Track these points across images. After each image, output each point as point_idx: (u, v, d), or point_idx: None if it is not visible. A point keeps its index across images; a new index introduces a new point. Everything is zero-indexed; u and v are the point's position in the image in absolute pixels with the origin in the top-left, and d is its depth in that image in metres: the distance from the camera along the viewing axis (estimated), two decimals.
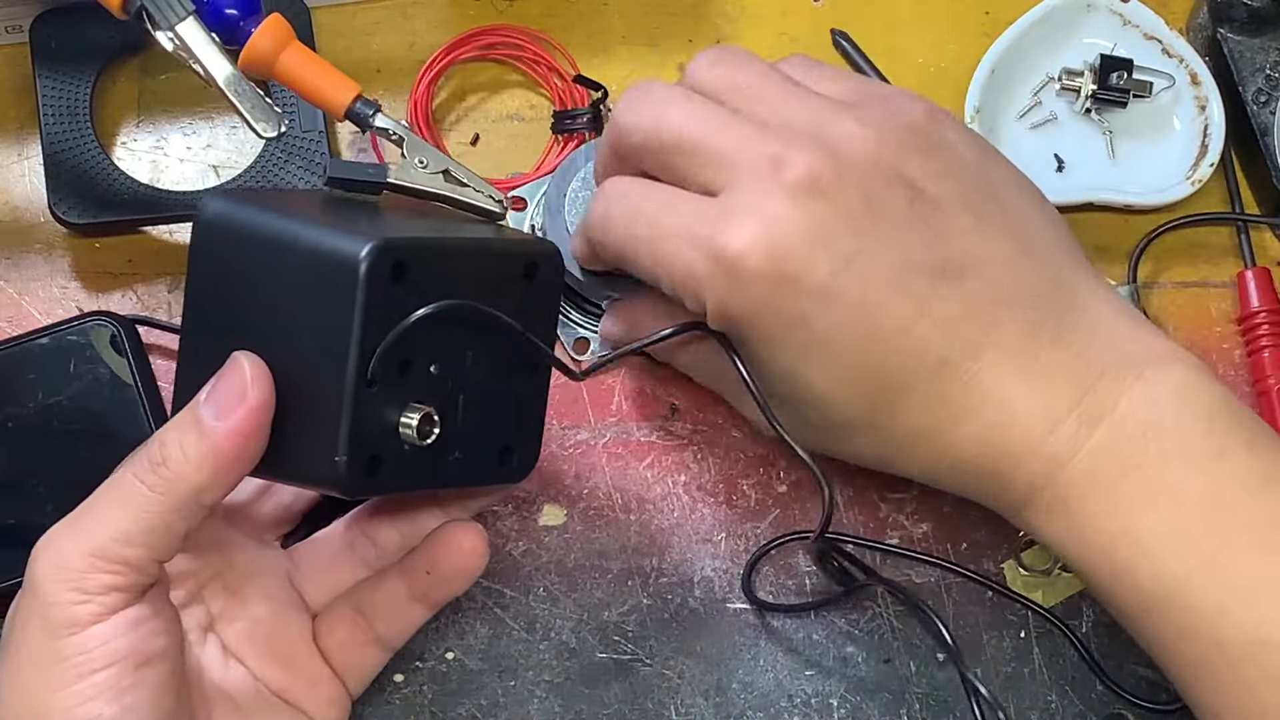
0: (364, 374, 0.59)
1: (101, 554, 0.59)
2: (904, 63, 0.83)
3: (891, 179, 0.64)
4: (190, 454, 0.59)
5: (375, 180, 0.68)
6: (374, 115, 0.70)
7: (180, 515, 0.60)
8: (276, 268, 0.60)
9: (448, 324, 0.61)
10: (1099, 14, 0.83)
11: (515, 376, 0.65)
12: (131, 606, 0.59)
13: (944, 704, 0.74)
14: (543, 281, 0.65)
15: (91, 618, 0.59)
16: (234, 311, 0.62)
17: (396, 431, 0.61)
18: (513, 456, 0.66)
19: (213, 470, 0.59)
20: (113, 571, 0.59)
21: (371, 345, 0.59)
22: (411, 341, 0.60)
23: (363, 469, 0.60)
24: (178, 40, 0.69)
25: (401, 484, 0.63)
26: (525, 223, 0.78)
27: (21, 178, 0.79)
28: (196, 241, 0.63)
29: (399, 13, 0.82)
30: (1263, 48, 0.82)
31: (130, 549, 0.59)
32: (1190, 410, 0.63)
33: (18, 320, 0.77)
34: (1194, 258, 0.81)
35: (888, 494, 0.76)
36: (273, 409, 0.60)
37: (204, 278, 0.63)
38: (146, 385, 0.74)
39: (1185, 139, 0.82)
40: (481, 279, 0.62)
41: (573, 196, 0.75)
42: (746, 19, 0.83)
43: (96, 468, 0.72)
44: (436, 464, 0.63)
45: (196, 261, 0.63)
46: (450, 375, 0.62)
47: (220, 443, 0.59)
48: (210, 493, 0.60)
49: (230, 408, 0.59)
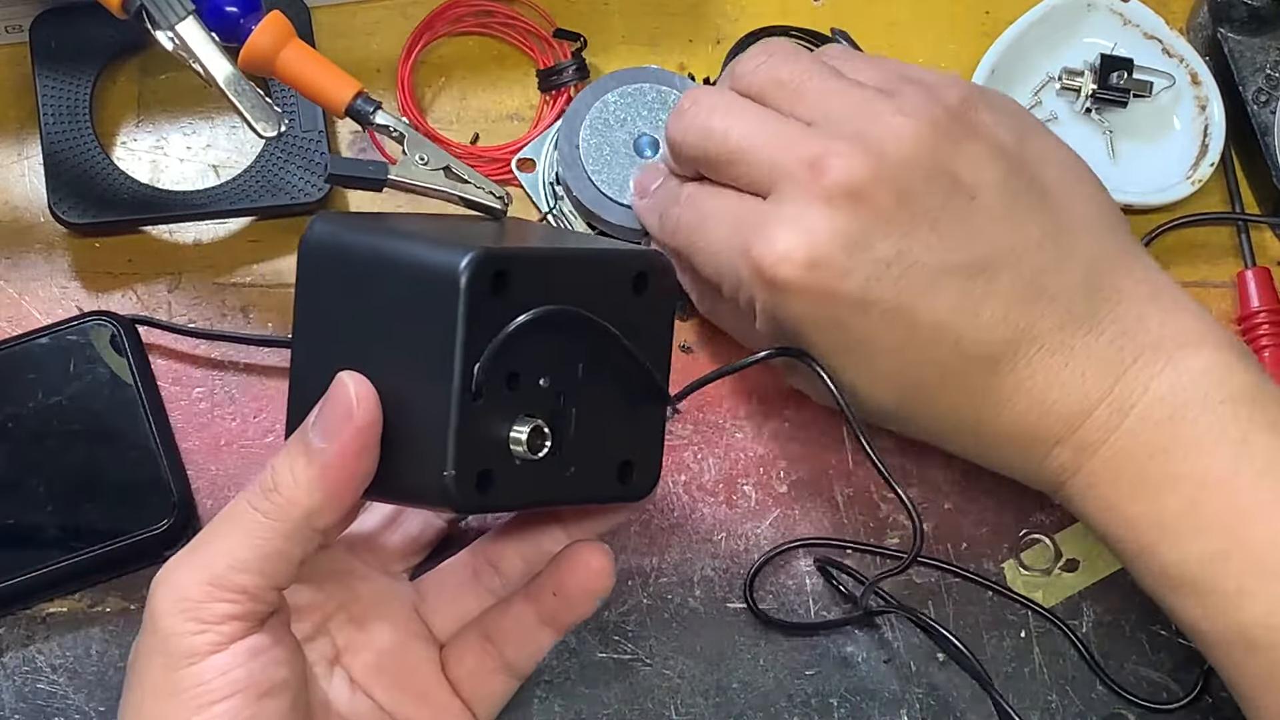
0: (469, 386, 0.58)
1: (218, 583, 0.59)
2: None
3: (930, 173, 0.65)
4: (300, 478, 0.59)
5: (375, 177, 0.68)
6: (375, 112, 0.70)
7: (295, 541, 0.59)
8: (381, 286, 0.60)
9: (556, 335, 0.60)
10: (1099, 14, 0.83)
11: (631, 390, 0.63)
12: (251, 636, 0.59)
13: (944, 704, 0.73)
14: (654, 293, 0.64)
15: (210, 647, 0.59)
16: (341, 332, 0.61)
17: (507, 445, 0.60)
18: (633, 473, 0.64)
19: (323, 493, 0.59)
20: (230, 600, 0.59)
21: (475, 356, 0.58)
22: (517, 352, 0.59)
23: (474, 484, 0.59)
24: (178, 40, 0.68)
25: (516, 500, 0.62)
26: (540, 180, 0.79)
27: (21, 178, 0.79)
28: (302, 264, 0.63)
29: (399, 13, 0.82)
30: (1263, 47, 0.82)
31: (247, 576, 0.59)
32: (1217, 393, 0.64)
33: (18, 320, 0.77)
34: (1194, 258, 0.81)
35: (888, 494, 0.76)
36: (379, 427, 0.59)
37: (310, 300, 0.63)
38: (146, 385, 0.74)
39: (1185, 139, 0.82)
40: (588, 290, 0.61)
41: (585, 144, 0.76)
42: (747, 19, 0.83)
43: (96, 468, 0.73)
44: (551, 479, 0.61)
45: (303, 284, 0.63)
46: (561, 388, 0.61)
47: (329, 465, 0.59)
48: (323, 516, 0.59)
49: (337, 429, 0.59)
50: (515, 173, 0.80)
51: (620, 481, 0.64)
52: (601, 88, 0.78)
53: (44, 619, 0.73)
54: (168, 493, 0.73)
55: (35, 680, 0.72)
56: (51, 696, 0.72)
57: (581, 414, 0.62)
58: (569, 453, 0.61)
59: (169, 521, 0.72)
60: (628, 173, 0.76)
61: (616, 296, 0.62)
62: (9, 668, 0.72)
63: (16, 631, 0.73)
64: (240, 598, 0.59)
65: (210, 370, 0.76)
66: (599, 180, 0.76)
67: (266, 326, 0.77)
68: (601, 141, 0.77)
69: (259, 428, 0.76)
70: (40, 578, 0.72)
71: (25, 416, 0.73)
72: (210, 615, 0.59)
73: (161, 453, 0.73)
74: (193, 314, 0.77)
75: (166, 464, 0.73)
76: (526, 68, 0.82)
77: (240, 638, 0.59)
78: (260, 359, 0.77)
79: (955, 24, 0.85)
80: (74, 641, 0.73)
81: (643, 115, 0.77)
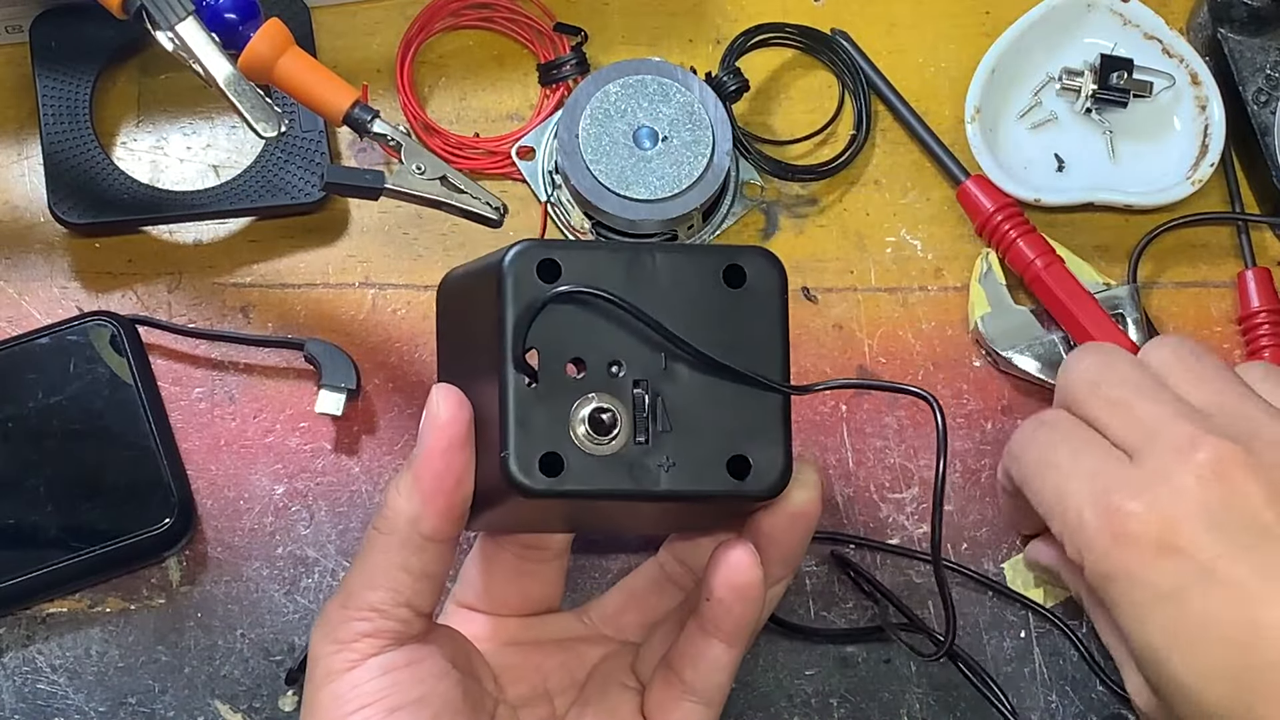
0: (520, 368, 0.59)
1: (350, 603, 0.62)
2: (904, 63, 0.83)
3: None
4: (402, 489, 0.62)
5: (372, 186, 0.68)
6: (372, 120, 0.70)
7: (408, 550, 0.62)
8: (472, 299, 0.62)
9: (629, 325, 0.60)
10: (1099, 14, 0.83)
11: (739, 383, 0.61)
12: (385, 653, 0.62)
13: (944, 704, 0.74)
14: (755, 287, 0.61)
15: (346, 665, 0.62)
16: (456, 351, 0.64)
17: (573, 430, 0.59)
18: (749, 467, 0.61)
19: (420, 496, 0.61)
20: (362, 618, 0.62)
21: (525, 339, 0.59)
22: (577, 338, 0.59)
23: (538, 466, 0.59)
24: (178, 40, 0.69)
25: (594, 488, 0.60)
26: (539, 168, 0.79)
27: (21, 178, 0.79)
28: (438, 301, 0.66)
29: (399, 13, 0.82)
30: (1263, 48, 0.82)
31: (372, 592, 0.62)
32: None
33: (18, 320, 0.77)
34: (1194, 258, 0.81)
35: (888, 494, 0.76)
36: (462, 425, 0.61)
37: (441, 330, 0.66)
38: (146, 385, 0.74)
39: (1185, 139, 0.82)
40: (667, 286, 0.61)
41: (585, 133, 0.76)
42: (747, 19, 0.83)
43: (96, 468, 0.73)
44: (640, 469, 0.60)
45: (439, 321, 0.66)
46: (639, 377, 0.60)
47: (420, 469, 0.61)
48: (425, 520, 0.61)
49: (425, 434, 0.61)
50: (515, 160, 0.80)
51: (735, 476, 0.61)
52: (603, 78, 0.78)
53: (44, 619, 0.73)
54: (168, 493, 0.73)
55: (35, 680, 0.72)
56: (51, 696, 0.72)
57: (674, 403, 0.60)
58: (661, 443, 0.60)
59: (169, 521, 0.72)
60: (626, 163, 0.76)
61: (705, 291, 0.61)
62: (9, 668, 0.72)
63: (16, 631, 0.73)
64: (371, 614, 0.62)
65: (210, 370, 0.76)
66: (597, 170, 0.76)
67: (266, 326, 0.77)
68: (601, 131, 0.77)
69: (259, 428, 0.76)
70: (40, 578, 0.72)
71: (25, 416, 0.74)
72: (346, 635, 0.62)
73: (161, 453, 0.73)
74: (193, 314, 0.77)
75: (166, 464, 0.73)
76: (527, 67, 0.82)
77: (373, 654, 0.62)
78: (260, 359, 0.77)
79: (955, 24, 0.85)
80: (74, 641, 0.73)
81: (643, 107, 0.77)
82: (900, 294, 0.80)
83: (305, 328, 0.77)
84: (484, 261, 0.62)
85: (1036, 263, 0.78)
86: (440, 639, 0.64)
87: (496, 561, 0.68)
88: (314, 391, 0.75)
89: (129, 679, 0.73)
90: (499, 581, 0.68)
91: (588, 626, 0.70)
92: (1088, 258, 0.80)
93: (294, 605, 0.74)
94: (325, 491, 0.75)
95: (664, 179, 0.76)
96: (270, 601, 0.74)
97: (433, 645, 0.63)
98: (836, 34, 0.83)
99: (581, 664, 0.68)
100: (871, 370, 0.78)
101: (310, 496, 0.75)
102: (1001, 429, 0.78)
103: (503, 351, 0.59)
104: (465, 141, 0.81)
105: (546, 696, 0.67)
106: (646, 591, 0.70)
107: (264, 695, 0.73)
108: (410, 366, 0.77)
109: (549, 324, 0.59)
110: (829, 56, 0.83)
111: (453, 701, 0.63)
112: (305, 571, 0.74)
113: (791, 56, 0.84)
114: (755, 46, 0.83)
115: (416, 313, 0.78)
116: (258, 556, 0.74)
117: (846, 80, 0.83)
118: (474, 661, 0.66)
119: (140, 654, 0.73)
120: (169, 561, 0.74)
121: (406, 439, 0.76)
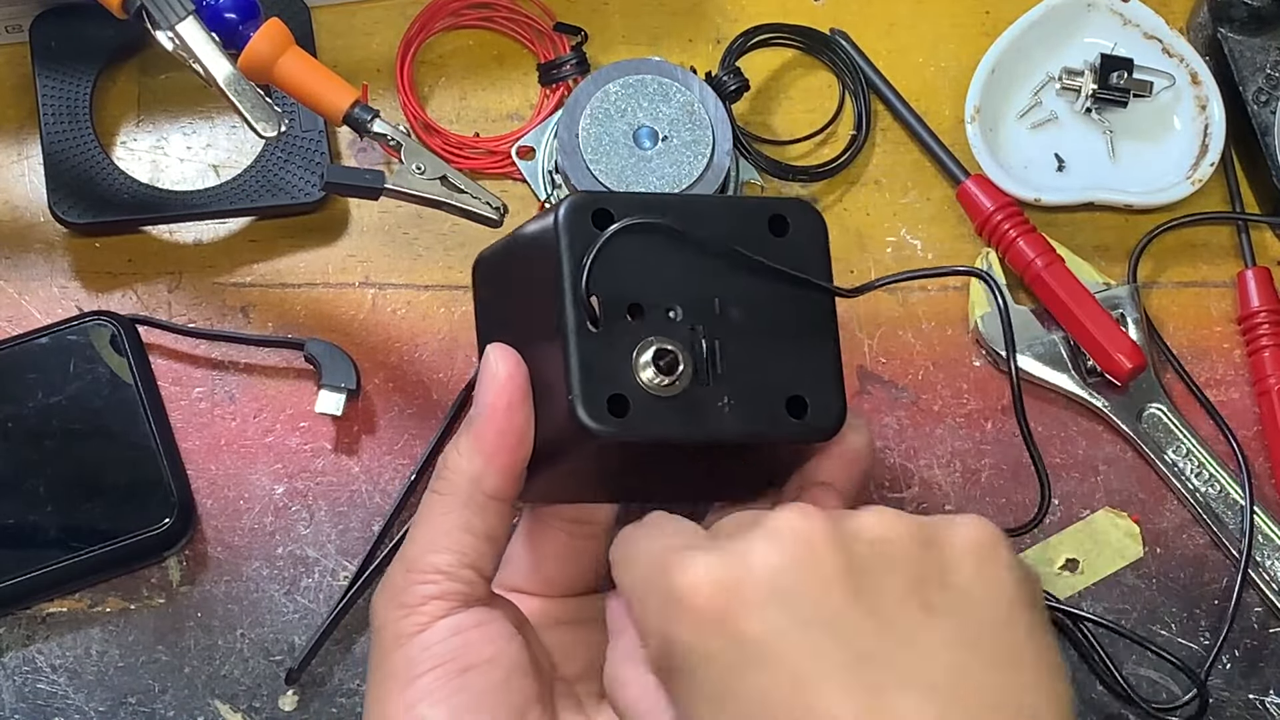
0: (581, 312, 0.59)
1: (414, 567, 0.62)
2: (904, 63, 0.83)
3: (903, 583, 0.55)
4: (462, 449, 0.62)
5: (372, 186, 0.68)
6: (372, 120, 0.70)
7: (470, 509, 0.62)
8: (518, 263, 0.62)
9: (681, 268, 0.60)
10: (1099, 13, 0.83)
11: (789, 321, 0.62)
12: (452, 615, 0.61)
13: None
14: (799, 235, 0.62)
15: (415, 628, 0.61)
16: (502, 322, 0.63)
17: (635, 373, 0.60)
18: (806, 407, 0.61)
19: (482, 456, 0.61)
20: (428, 580, 0.61)
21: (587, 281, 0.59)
22: (634, 286, 0.60)
23: (604, 409, 0.59)
24: (178, 40, 0.69)
25: (661, 430, 0.60)
26: (539, 168, 0.79)
27: (21, 178, 0.79)
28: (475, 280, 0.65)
29: (399, 13, 0.82)
30: (1263, 47, 0.82)
31: (437, 555, 0.62)
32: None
33: (18, 320, 0.77)
34: (1194, 258, 0.81)
35: (888, 494, 0.76)
36: (520, 381, 0.61)
37: (482, 307, 0.65)
38: (146, 385, 0.74)
39: (1185, 139, 0.82)
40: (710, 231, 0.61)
41: (585, 133, 0.76)
42: (747, 19, 0.83)
43: (96, 467, 0.73)
44: (702, 412, 0.60)
45: (477, 299, 0.65)
46: (696, 320, 0.60)
47: (481, 427, 0.61)
48: (488, 479, 0.61)
49: (484, 393, 0.61)
50: (515, 160, 0.80)
51: (795, 417, 0.61)
52: (604, 77, 0.78)
53: (44, 619, 0.73)
54: (168, 493, 0.73)
55: (35, 680, 0.72)
56: (52, 696, 0.72)
57: (730, 346, 0.61)
58: (721, 385, 0.60)
59: (169, 521, 0.72)
60: (626, 163, 0.76)
61: (751, 238, 0.61)
62: (9, 668, 0.72)
63: (16, 631, 0.73)
64: (436, 577, 0.61)
65: (210, 370, 0.76)
66: (597, 169, 0.76)
67: (266, 326, 0.77)
68: (601, 131, 0.77)
69: (259, 428, 0.76)
70: (40, 578, 0.72)
71: (25, 416, 0.74)
72: (412, 598, 0.61)
73: (161, 453, 0.73)
74: (193, 314, 0.77)
75: (166, 464, 0.73)
76: (527, 67, 0.82)
77: (442, 616, 0.61)
78: (260, 359, 0.77)
79: (955, 24, 0.85)
80: (74, 641, 0.73)
81: (644, 106, 0.77)
82: (900, 294, 0.80)
83: (305, 328, 0.77)
84: (527, 226, 0.62)
85: (1036, 262, 0.78)
86: (504, 604, 0.64)
87: (544, 539, 0.68)
88: (314, 391, 0.75)
89: (129, 679, 0.73)
90: (546, 560, 0.68)
91: None
92: (1088, 257, 0.80)
93: (294, 605, 0.74)
94: (325, 491, 0.75)
95: (664, 179, 0.76)
96: (270, 601, 0.74)
97: (499, 610, 0.63)
98: (836, 34, 0.83)
99: None
100: (871, 370, 0.78)
101: (310, 496, 0.75)
102: (1001, 429, 0.78)
103: (560, 300, 0.59)
104: (465, 141, 0.81)
105: (600, 672, 0.67)
106: None
107: (264, 695, 0.73)
108: (410, 366, 0.77)
109: (604, 272, 0.59)
110: (829, 56, 0.83)
111: (521, 664, 0.62)
112: (305, 571, 0.74)
113: (791, 56, 0.84)
114: (755, 46, 0.83)
115: (416, 313, 0.78)
116: (258, 556, 0.74)
117: (846, 80, 0.83)
118: (531, 634, 0.66)
119: (140, 654, 0.73)
120: (169, 561, 0.74)
121: (406, 439, 0.76)
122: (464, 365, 0.77)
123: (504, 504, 0.62)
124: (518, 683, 0.62)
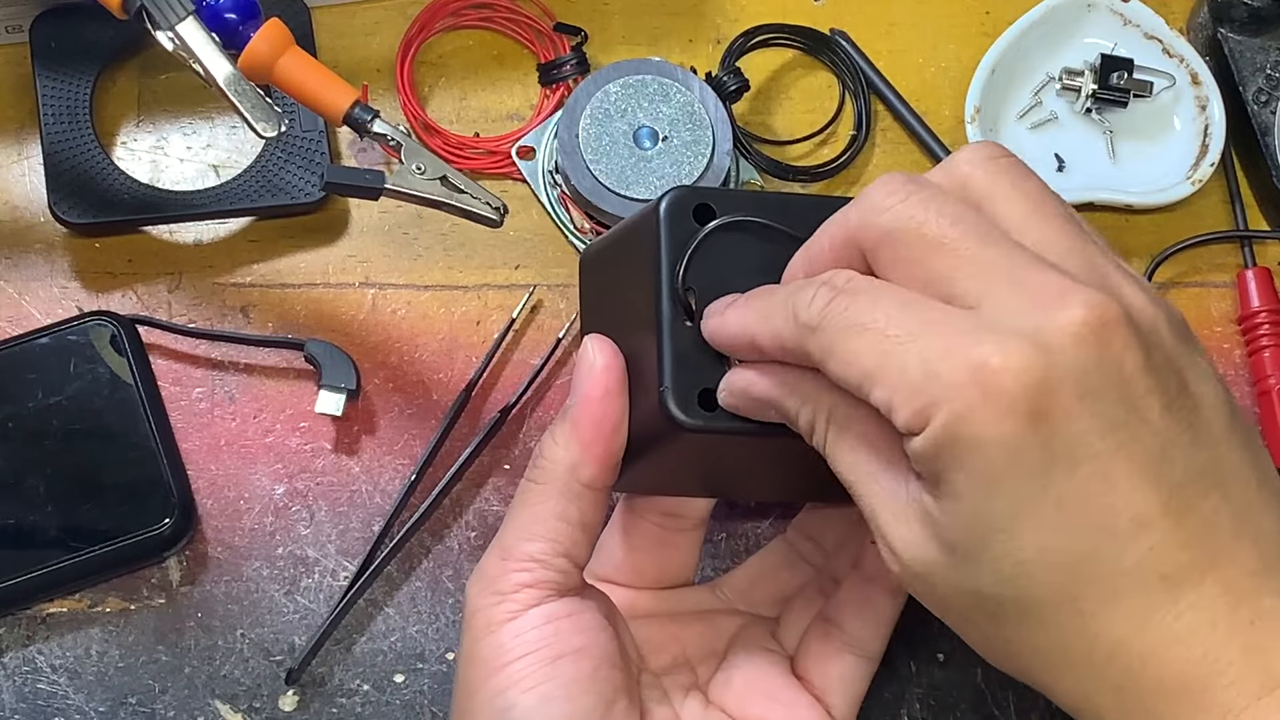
0: (676, 304, 0.59)
1: (509, 555, 0.62)
2: (904, 63, 0.83)
3: (1167, 360, 0.56)
4: (559, 438, 0.62)
5: (372, 186, 0.68)
6: (372, 120, 0.70)
7: (566, 498, 0.62)
8: (620, 256, 0.63)
9: (776, 265, 0.60)
10: (1099, 14, 0.83)
11: None
12: (545, 604, 0.62)
13: (944, 704, 0.73)
14: None
15: (508, 615, 0.61)
16: (604, 315, 0.64)
17: (727, 366, 0.60)
18: None
19: (579, 444, 0.61)
20: (522, 569, 0.62)
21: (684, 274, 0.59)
22: (729, 283, 0.60)
23: (695, 401, 0.59)
24: (178, 40, 0.69)
25: (749, 425, 0.60)
26: (539, 168, 0.79)
27: (21, 178, 0.79)
28: (581, 274, 0.66)
29: (399, 13, 0.83)
30: (1263, 47, 0.82)
31: (531, 543, 0.62)
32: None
33: (18, 320, 0.77)
34: (1194, 258, 0.81)
35: None
36: (616, 371, 0.61)
37: (585, 299, 0.66)
38: (146, 385, 0.74)
39: (1186, 139, 0.82)
40: (804, 230, 0.60)
41: (585, 133, 0.76)
42: (747, 19, 0.83)
43: (96, 468, 0.73)
44: None
45: (581, 293, 0.66)
46: None
47: (578, 416, 0.61)
48: (584, 467, 0.62)
49: (581, 382, 0.61)
50: (515, 160, 0.80)
51: None
52: (604, 77, 0.78)
53: (44, 619, 0.73)
54: (168, 493, 0.73)
55: (35, 680, 0.72)
56: (52, 696, 0.72)
57: None
58: None
59: (169, 521, 0.72)
60: (626, 163, 0.76)
61: None
62: (9, 668, 0.72)
63: (16, 631, 0.73)
64: (531, 565, 0.62)
65: (210, 370, 0.76)
66: (597, 170, 0.76)
67: (266, 326, 0.77)
68: (601, 131, 0.77)
69: (259, 428, 0.76)
70: (40, 578, 0.72)
71: (25, 416, 0.74)
72: (506, 586, 0.62)
73: (161, 453, 0.73)
74: (193, 314, 0.77)
75: (166, 464, 0.73)
76: (527, 67, 0.82)
77: (535, 605, 0.62)
78: (260, 359, 0.77)
79: (955, 24, 0.85)
80: (74, 641, 0.73)
81: (643, 106, 0.77)
82: None
83: (305, 328, 0.77)
84: (631, 218, 0.62)
85: None
86: (596, 595, 0.64)
87: (636, 532, 0.68)
88: (314, 391, 0.75)
89: (129, 679, 0.73)
90: (639, 552, 0.68)
91: (721, 600, 0.70)
92: None
93: (294, 605, 0.74)
94: (325, 491, 0.75)
95: (664, 179, 0.76)
96: (270, 601, 0.74)
97: (590, 600, 0.63)
98: (836, 34, 0.84)
99: (719, 635, 0.68)
100: None
101: (310, 496, 0.75)
102: None
103: (657, 293, 0.59)
104: (465, 141, 0.81)
105: (688, 665, 0.67)
106: (777, 568, 0.70)
107: (264, 695, 0.73)
108: (410, 366, 0.77)
109: (700, 269, 0.59)
110: (829, 57, 0.84)
111: (611, 655, 0.62)
112: (305, 571, 0.74)
113: (791, 57, 0.84)
114: (755, 47, 0.83)
115: (416, 313, 0.78)
116: (258, 556, 0.74)
117: (846, 80, 0.83)
118: (621, 625, 0.66)
119: (140, 654, 0.73)
120: (169, 561, 0.74)
121: (406, 439, 0.76)
122: (464, 365, 0.77)
123: (599, 493, 0.62)
124: (606, 673, 0.62)
